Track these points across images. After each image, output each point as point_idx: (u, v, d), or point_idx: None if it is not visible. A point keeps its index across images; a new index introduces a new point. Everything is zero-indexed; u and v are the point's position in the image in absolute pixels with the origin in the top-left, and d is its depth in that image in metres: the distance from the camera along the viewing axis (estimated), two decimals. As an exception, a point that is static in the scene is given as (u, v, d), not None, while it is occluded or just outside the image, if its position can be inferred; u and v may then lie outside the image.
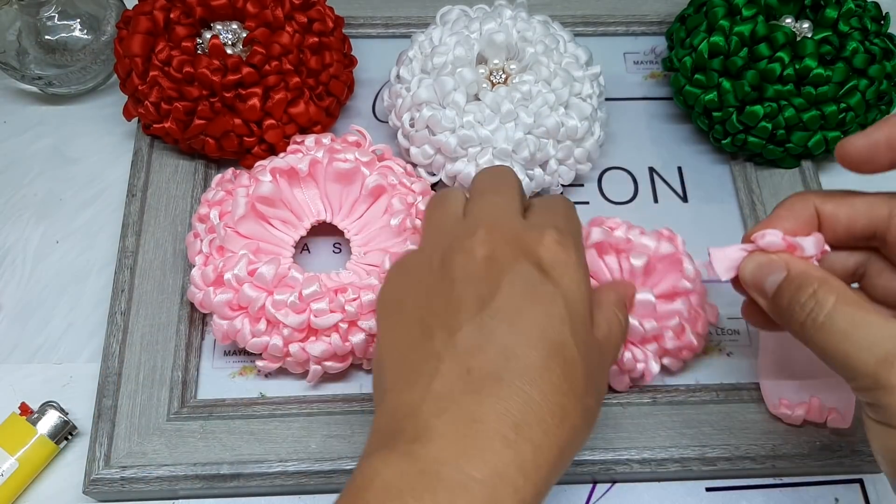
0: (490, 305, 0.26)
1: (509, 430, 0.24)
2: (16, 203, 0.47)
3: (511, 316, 0.26)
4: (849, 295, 0.28)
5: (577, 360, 0.26)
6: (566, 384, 0.25)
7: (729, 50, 0.45)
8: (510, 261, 0.27)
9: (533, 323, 0.26)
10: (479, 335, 0.26)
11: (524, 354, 0.25)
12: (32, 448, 0.38)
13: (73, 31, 0.49)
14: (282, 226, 0.42)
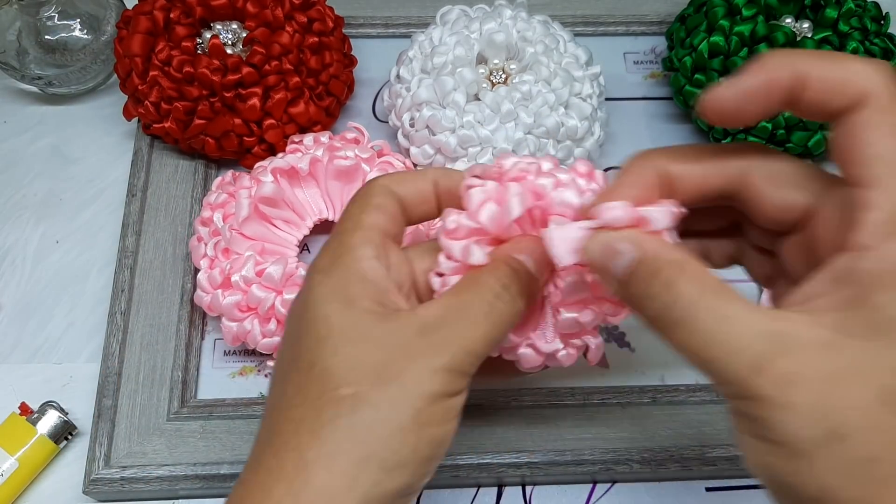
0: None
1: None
2: (16, 203, 0.47)
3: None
4: (708, 282, 0.23)
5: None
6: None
7: (729, 50, 0.45)
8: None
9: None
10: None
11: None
12: (32, 448, 0.38)
13: (73, 31, 0.49)
14: (285, 226, 0.42)
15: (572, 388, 0.40)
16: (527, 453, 0.38)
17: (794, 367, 0.21)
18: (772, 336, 0.22)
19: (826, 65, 0.23)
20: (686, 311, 0.23)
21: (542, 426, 0.39)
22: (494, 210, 0.28)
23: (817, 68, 0.23)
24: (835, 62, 0.23)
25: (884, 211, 0.21)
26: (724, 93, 0.24)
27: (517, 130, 0.43)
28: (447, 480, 0.38)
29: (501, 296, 0.27)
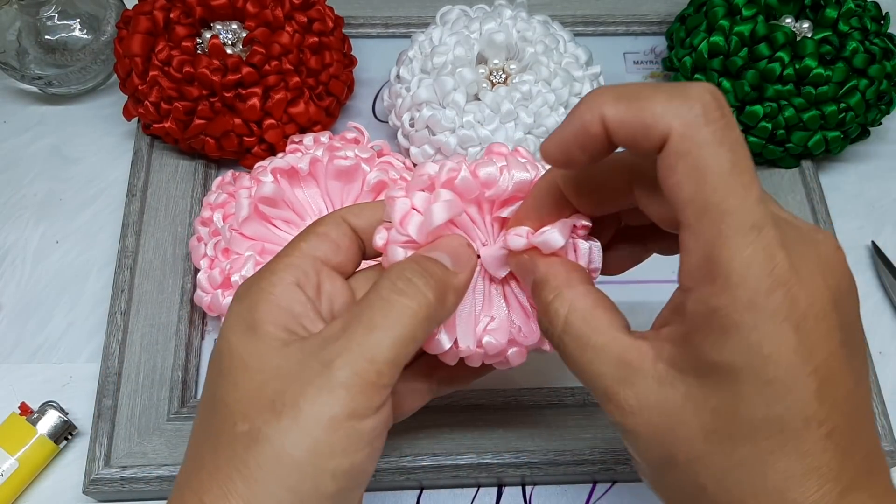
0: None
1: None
2: (16, 203, 0.47)
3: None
4: (580, 308, 0.25)
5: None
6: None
7: (729, 50, 0.45)
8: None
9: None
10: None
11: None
12: (32, 448, 0.38)
13: (72, 31, 0.49)
14: (285, 226, 0.42)
15: (572, 389, 0.40)
16: (527, 453, 0.38)
17: (635, 399, 0.23)
18: (620, 366, 0.23)
19: (627, 109, 0.22)
20: (560, 335, 0.25)
21: (542, 426, 0.39)
22: (419, 220, 0.27)
23: (619, 112, 0.22)
24: (635, 104, 0.22)
25: (695, 255, 0.21)
26: (549, 146, 0.24)
27: (517, 130, 0.43)
28: (447, 480, 0.38)
29: (402, 290, 0.25)
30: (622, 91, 0.22)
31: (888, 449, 0.39)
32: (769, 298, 0.20)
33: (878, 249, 0.46)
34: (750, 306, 0.20)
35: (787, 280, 0.20)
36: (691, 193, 0.21)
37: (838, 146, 0.46)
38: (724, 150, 0.21)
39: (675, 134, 0.21)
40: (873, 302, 0.45)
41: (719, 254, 0.21)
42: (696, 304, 0.21)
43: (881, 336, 0.44)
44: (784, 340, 0.20)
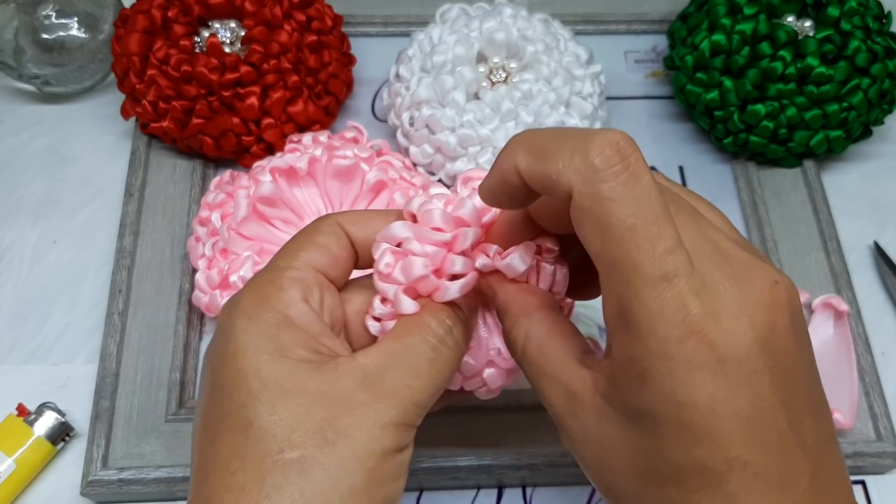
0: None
1: None
2: (13, 203, 0.46)
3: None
4: (535, 336, 0.26)
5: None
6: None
7: (730, 48, 0.44)
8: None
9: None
10: None
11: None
12: (30, 449, 0.38)
13: (70, 30, 0.49)
14: (283, 226, 0.41)
15: (573, 389, 0.40)
16: (527, 455, 0.38)
17: (579, 430, 0.24)
18: (567, 396, 0.24)
19: (536, 163, 0.22)
20: (520, 363, 0.26)
21: (542, 427, 0.39)
22: (428, 286, 0.27)
23: (530, 165, 0.22)
24: (542, 159, 0.22)
25: (609, 305, 0.22)
26: (481, 191, 0.25)
27: (517, 129, 0.42)
28: (447, 482, 0.38)
29: (445, 341, 0.26)
30: (534, 142, 0.22)
31: (891, 450, 0.39)
32: (681, 347, 0.20)
33: (880, 249, 0.46)
34: (662, 356, 0.21)
35: (701, 328, 0.20)
36: (597, 248, 0.21)
37: (840, 145, 0.46)
38: (625, 204, 0.20)
39: (576, 192, 0.21)
40: (875, 302, 0.45)
41: (629, 305, 0.21)
42: (616, 350, 0.22)
43: (884, 336, 0.43)
44: (699, 387, 0.21)
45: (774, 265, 0.24)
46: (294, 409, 0.23)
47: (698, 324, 0.20)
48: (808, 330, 0.42)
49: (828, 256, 0.44)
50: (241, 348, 0.24)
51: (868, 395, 0.40)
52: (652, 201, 0.21)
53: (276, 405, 0.23)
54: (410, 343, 0.25)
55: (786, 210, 0.46)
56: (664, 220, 0.21)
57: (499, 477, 0.38)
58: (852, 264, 0.45)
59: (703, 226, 0.23)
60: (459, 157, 0.43)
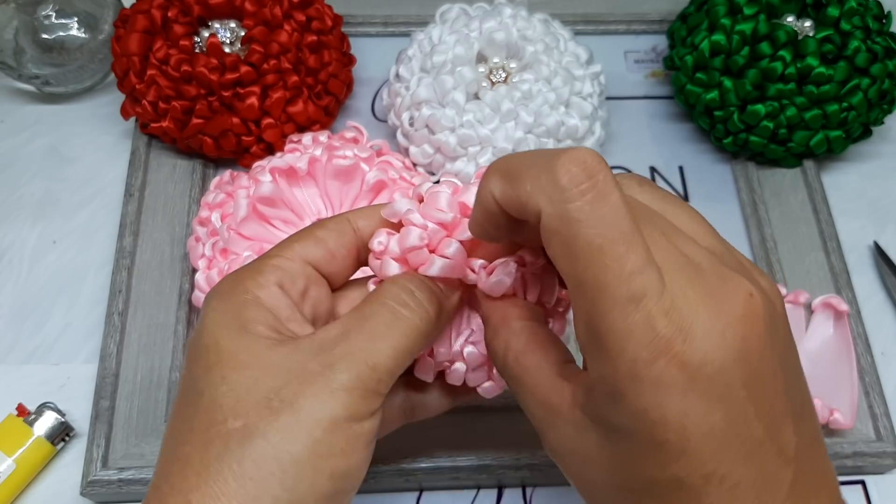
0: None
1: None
2: (13, 203, 0.46)
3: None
4: (514, 346, 0.26)
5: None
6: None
7: (730, 48, 0.44)
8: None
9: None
10: None
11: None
12: (29, 449, 0.38)
13: (70, 30, 0.49)
14: (283, 226, 0.41)
15: (573, 389, 0.40)
16: (527, 455, 0.38)
17: (557, 442, 0.24)
18: (545, 408, 0.24)
19: (508, 186, 0.22)
20: (501, 374, 0.26)
21: (542, 427, 0.39)
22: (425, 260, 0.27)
23: (503, 190, 0.22)
24: (514, 182, 0.22)
25: (580, 324, 0.22)
26: (471, 227, 0.25)
27: (517, 130, 0.42)
28: (447, 482, 0.38)
29: (406, 303, 0.26)
30: (507, 166, 0.23)
31: (892, 450, 0.39)
32: (650, 368, 0.20)
33: (880, 249, 0.46)
34: (631, 377, 0.21)
35: (670, 348, 0.20)
36: (566, 269, 0.21)
37: (840, 145, 0.46)
38: (592, 224, 0.20)
39: (544, 213, 0.21)
40: (875, 302, 0.45)
41: (598, 326, 0.21)
42: (590, 368, 0.22)
43: (884, 337, 0.43)
44: (670, 406, 0.20)
45: (755, 272, 0.24)
46: (244, 381, 0.23)
47: (667, 344, 0.20)
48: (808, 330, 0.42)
49: (828, 256, 0.44)
50: (206, 325, 0.25)
51: (868, 395, 0.40)
52: (620, 220, 0.20)
53: (226, 376, 0.23)
54: (369, 309, 0.25)
55: (786, 210, 0.46)
56: (633, 239, 0.20)
57: (499, 477, 0.38)
58: (852, 264, 0.45)
59: (677, 240, 0.22)
60: (459, 157, 0.43)
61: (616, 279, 0.20)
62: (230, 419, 0.23)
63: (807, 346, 0.41)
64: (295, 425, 0.22)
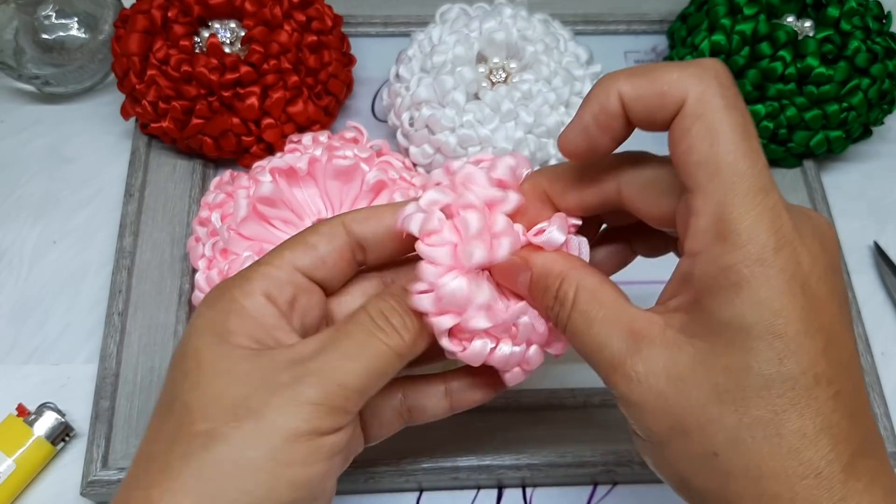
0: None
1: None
2: (13, 203, 0.46)
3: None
4: (587, 287, 0.25)
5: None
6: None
7: (730, 49, 0.44)
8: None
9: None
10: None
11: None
12: (29, 449, 0.38)
13: (70, 30, 0.49)
14: (283, 226, 0.41)
15: (573, 390, 0.40)
16: (527, 455, 0.38)
17: (642, 367, 0.23)
18: (629, 336, 0.24)
19: (642, 81, 0.23)
20: (568, 315, 0.25)
21: (542, 427, 0.39)
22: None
23: (635, 86, 0.23)
24: (650, 76, 0.23)
25: (706, 216, 0.22)
26: (570, 135, 0.25)
27: (517, 130, 0.42)
28: (447, 482, 0.38)
29: (381, 327, 0.26)
30: (635, 69, 0.23)
31: (892, 451, 0.39)
32: (777, 256, 0.21)
33: (880, 250, 0.46)
34: (759, 262, 0.21)
35: (792, 240, 0.21)
36: (705, 155, 0.22)
37: (840, 146, 0.46)
38: (737, 115, 0.22)
39: (692, 97, 0.22)
40: (875, 302, 0.45)
41: (730, 213, 0.21)
42: (706, 265, 0.22)
43: (884, 336, 0.43)
44: (792, 297, 0.21)
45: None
46: (216, 387, 0.24)
47: (789, 236, 0.21)
48: None
49: (828, 256, 0.44)
50: (190, 331, 0.26)
51: (868, 395, 0.40)
52: (752, 120, 0.22)
53: (200, 382, 0.24)
54: (346, 329, 0.26)
55: (786, 210, 0.46)
56: (759, 140, 0.22)
57: (499, 477, 0.38)
58: (852, 264, 0.45)
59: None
60: (459, 157, 0.43)
61: (752, 169, 0.21)
62: (198, 422, 0.24)
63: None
64: (257, 433, 0.23)
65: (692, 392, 0.23)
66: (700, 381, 0.22)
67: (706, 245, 0.22)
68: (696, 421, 0.22)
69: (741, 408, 0.22)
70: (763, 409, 0.21)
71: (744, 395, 0.22)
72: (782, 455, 0.21)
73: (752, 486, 0.22)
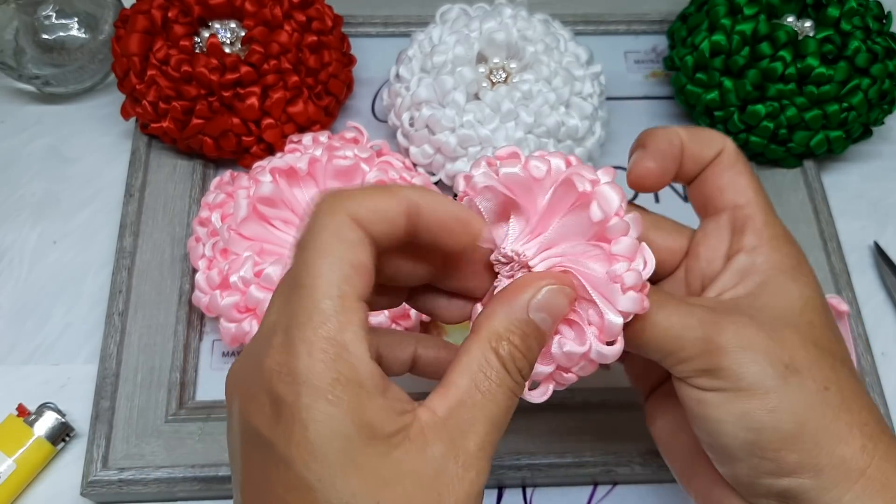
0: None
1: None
2: (13, 203, 0.46)
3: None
4: (655, 298, 0.26)
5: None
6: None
7: (730, 49, 0.44)
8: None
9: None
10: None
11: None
12: (30, 450, 0.38)
13: (70, 30, 0.49)
14: (283, 226, 0.41)
15: (573, 390, 0.40)
16: (527, 455, 0.38)
17: (737, 332, 0.26)
18: (709, 317, 0.26)
19: (694, 131, 0.30)
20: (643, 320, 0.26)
21: (542, 427, 0.39)
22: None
23: (689, 134, 0.29)
24: (697, 130, 0.30)
25: (758, 220, 0.29)
26: (649, 164, 0.29)
27: (517, 130, 0.42)
28: (447, 482, 0.38)
29: (521, 383, 0.24)
30: (681, 128, 0.30)
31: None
32: (792, 264, 0.29)
33: (880, 250, 0.46)
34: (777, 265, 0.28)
35: (802, 261, 0.29)
36: (743, 185, 0.29)
37: (840, 146, 0.46)
38: (753, 173, 0.30)
39: (729, 149, 0.30)
40: (876, 303, 0.45)
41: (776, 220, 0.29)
42: (768, 255, 0.28)
43: (884, 337, 0.43)
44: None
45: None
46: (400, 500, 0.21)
47: (800, 256, 0.30)
48: None
49: (828, 256, 0.44)
50: (321, 431, 0.20)
51: (868, 395, 0.40)
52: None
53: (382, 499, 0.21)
54: (488, 388, 0.23)
55: (786, 210, 0.46)
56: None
57: (499, 477, 0.38)
58: (852, 264, 0.45)
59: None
60: (459, 157, 0.43)
61: (766, 199, 0.30)
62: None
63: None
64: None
65: (791, 338, 0.26)
66: (793, 329, 0.27)
67: (764, 240, 0.28)
68: (803, 361, 0.26)
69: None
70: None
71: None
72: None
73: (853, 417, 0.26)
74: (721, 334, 0.26)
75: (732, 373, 0.25)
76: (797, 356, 0.26)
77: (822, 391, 0.25)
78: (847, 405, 0.26)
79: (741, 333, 0.26)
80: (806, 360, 0.26)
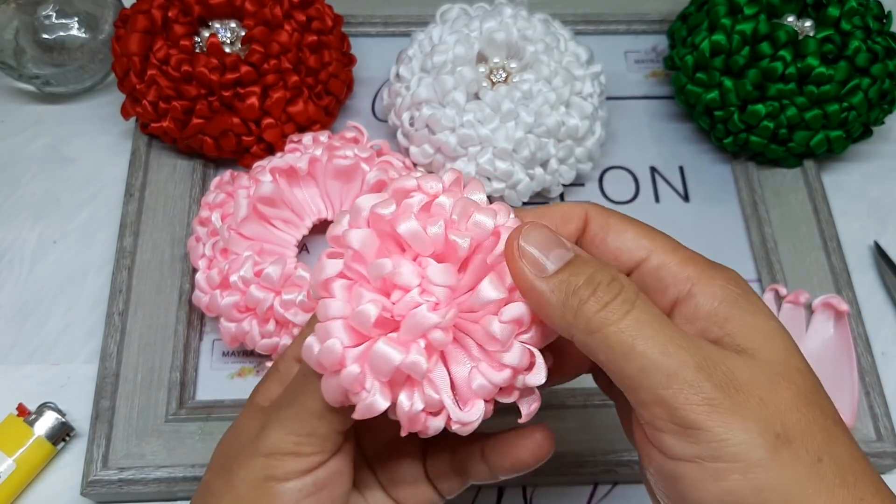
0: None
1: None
2: (13, 203, 0.46)
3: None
4: (647, 322, 0.23)
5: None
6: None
7: (731, 48, 0.44)
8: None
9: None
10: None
11: None
12: (30, 449, 0.38)
13: (70, 30, 0.49)
14: (283, 226, 0.41)
15: (573, 390, 0.40)
16: (527, 455, 0.38)
17: (731, 378, 0.22)
18: (703, 361, 0.22)
19: (545, 211, 0.26)
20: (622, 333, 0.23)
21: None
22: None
23: (544, 219, 0.26)
24: (549, 209, 0.26)
25: (672, 262, 0.25)
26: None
27: (517, 130, 0.42)
28: (447, 482, 0.38)
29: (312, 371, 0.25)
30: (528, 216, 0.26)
31: (892, 450, 0.39)
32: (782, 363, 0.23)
33: (880, 249, 0.46)
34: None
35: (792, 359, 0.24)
36: (628, 245, 0.26)
37: (841, 145, 0.46)
38: (636, 221, 0.27)
39: (593, 212, 0.26)
40: (876, 302, 0.45)
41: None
42: (713, 300, 0.24)
43: (884, 336, 0.43)
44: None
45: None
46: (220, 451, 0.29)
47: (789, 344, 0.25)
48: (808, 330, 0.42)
49: (828, 256, 0.44)
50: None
51: (868, 395, 0.40)
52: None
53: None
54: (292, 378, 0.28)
55: (786, 210, 0.46)
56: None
57: (499, 477, 0.38)
58: (852, 264, 0.45)
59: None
60: (459, 157, 0.43)
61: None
62: (206, 474, 0.29)
63: (807, 346, 0.41)
64: (227, 486, 0.27)
65: (784, 397, 0.22)
66: (786, 385, 0.23)
67: (693, 279, 0.24)
68: (797, 428, 0.22)
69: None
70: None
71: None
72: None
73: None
74: (710, 383, 0.22)
75: (714, 446, 0.21)
76: (789, 421, 0.22)
77: (815, 463, 0.22)
78: (843, 478, 0.22)
79: (730, 388, 0.22)
80: (798, 424, 0.22)
